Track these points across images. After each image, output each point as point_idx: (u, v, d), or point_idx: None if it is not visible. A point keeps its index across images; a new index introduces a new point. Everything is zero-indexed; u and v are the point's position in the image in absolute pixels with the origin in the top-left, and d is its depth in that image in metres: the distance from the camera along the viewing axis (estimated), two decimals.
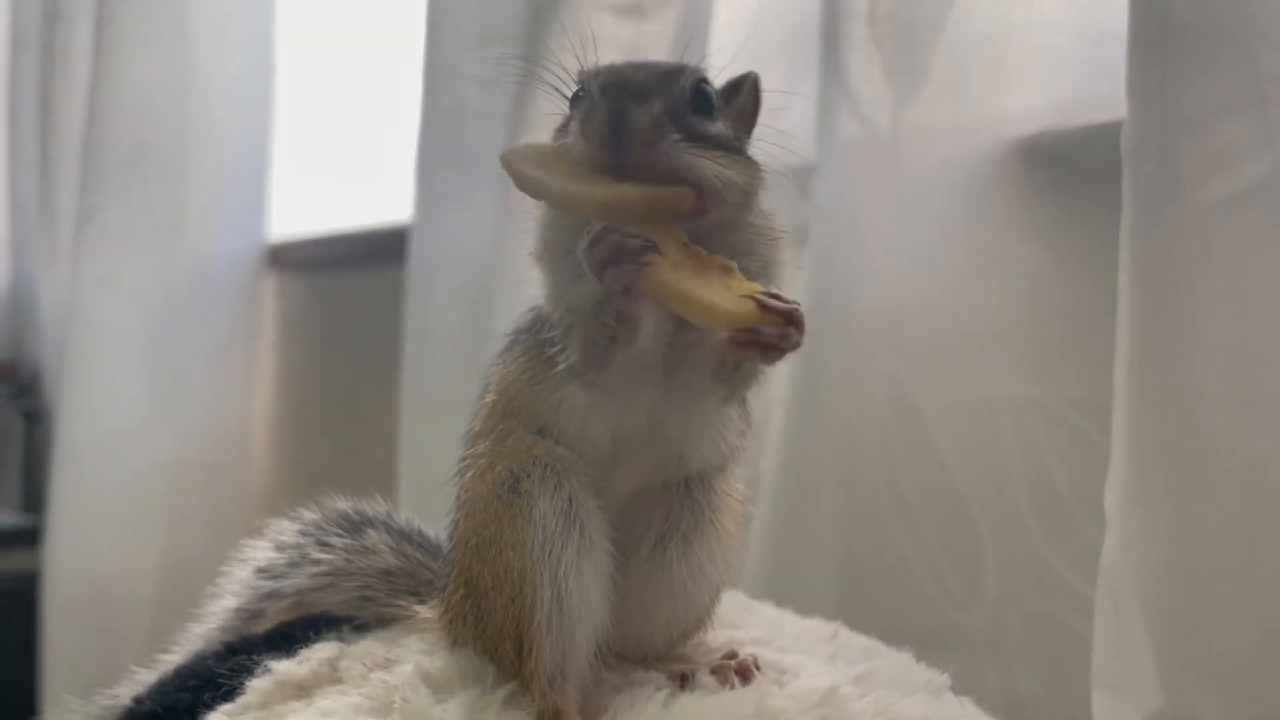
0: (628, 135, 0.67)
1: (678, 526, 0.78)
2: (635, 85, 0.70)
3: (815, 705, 0.69)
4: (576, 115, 0.72)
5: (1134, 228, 0.95)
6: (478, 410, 0.84)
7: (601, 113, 0.68)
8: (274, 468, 2.48)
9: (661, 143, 0.69)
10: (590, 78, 0.73)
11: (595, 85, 0.71)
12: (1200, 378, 0.91)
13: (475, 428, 0.83)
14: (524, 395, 0.77)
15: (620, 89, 0.69)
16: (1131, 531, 0.95)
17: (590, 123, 0.69)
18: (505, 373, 0.81)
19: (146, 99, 2.34)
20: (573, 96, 0.76)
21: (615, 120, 0.67)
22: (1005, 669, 1.20)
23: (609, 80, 0.71)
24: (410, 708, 0.69)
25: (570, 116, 0.75)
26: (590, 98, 0.71)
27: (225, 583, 0.98)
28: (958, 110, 1.24)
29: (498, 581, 0.73)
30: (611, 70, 0.73)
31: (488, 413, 0.81)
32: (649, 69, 0.73)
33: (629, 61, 0.76)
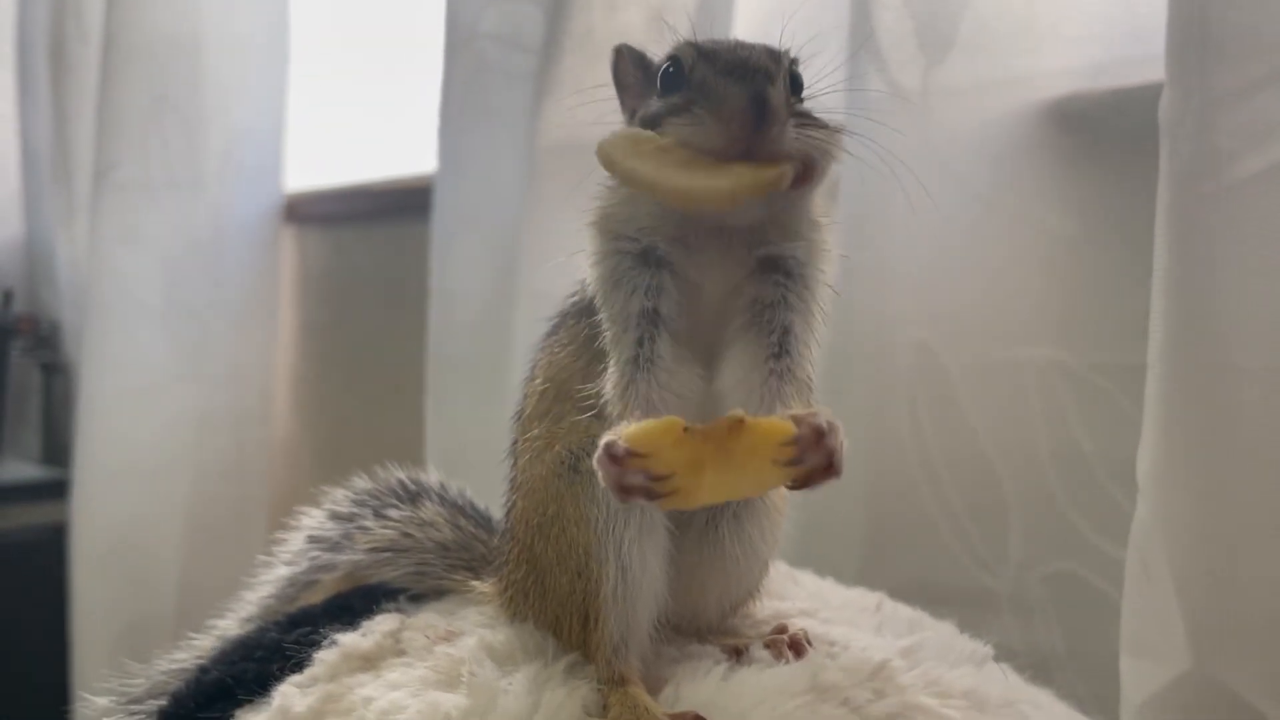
0: (769, 115, 0.67)
1: (729, 504, 0.79)
2: (759, 67, 0.70)
3: (867, 678, 0.71)
4: (685, 95, 0.72)
5: (1171, 202, 0.96)
6: (527, 394, 0.85)
7: (740, 93, 0.68)
8: (296, 420, 2.50)
9: (789, 123, 0.69)
10: (693, 56, 0.73)
11: (713, 65, 0.71)
12: (1234, 350, 0.93)
13: (526, 411, 0.84)
14: (575, 382, 0.78)
15: (750, 70, 0.70)
16: (1163, 499, 0.97)
17: (726, 104, 0.68)
18: (554, 359, 0.81)
19: (161, 51, 2.33)
20: (663, 74, 0.75)
21: (758, 101, 0.67)
22: (1029, 629, 1.22)
23: (732, 61, 0.71)
24: (477, 681, 0.72)
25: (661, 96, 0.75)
26: (708, 78, 0.71)
27: (279, 549, 1.00)
28: (988, 72, 1.24)
29: (562, 558, 0.75)
30: (723, 49, 0.73)
31: (538, 398, 0.82)
32: (756, 50, 0.73)
33: (723, 41, 0.75)
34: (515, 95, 1.70)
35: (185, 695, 0.84)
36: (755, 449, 0.64)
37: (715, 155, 0.69)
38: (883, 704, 0.69)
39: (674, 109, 0.72)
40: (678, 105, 0.72)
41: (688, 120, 0.70)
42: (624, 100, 0.82)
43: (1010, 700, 0.75)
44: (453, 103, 1.81)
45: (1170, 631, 0.95)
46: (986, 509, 1.24)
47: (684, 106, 0.71)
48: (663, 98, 0.74)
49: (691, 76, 0.72)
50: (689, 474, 0.64)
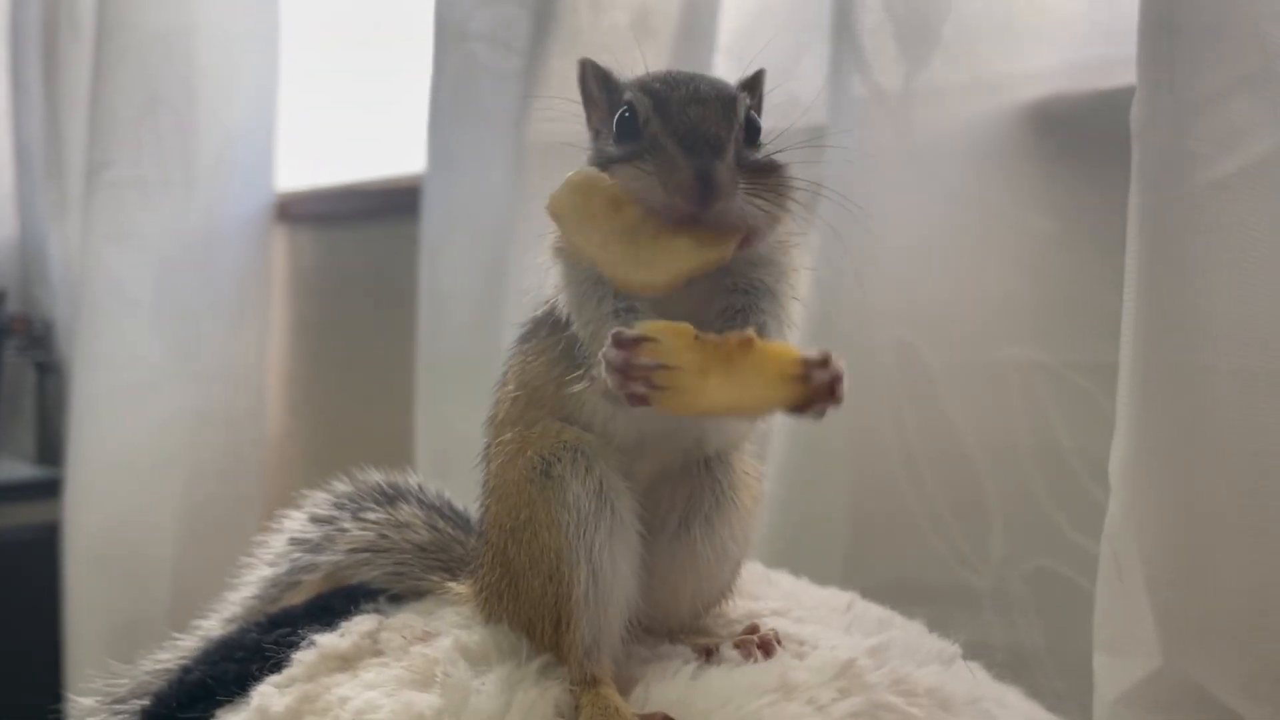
0: (715, 194, 0.68)
1: (700, 507, 0.81)
2: (712, 135, 0.71)
3: (834, 677, 0.73)
4: (638, 148, 0.72)
5: (1142, 205, 0.97)
6: (499, 399, 0.86)
7: (688, 169, 0.69)
8: (288, 419, 2.51)
9: (736, 194, 0.70)
10: (648, 107, 0.73)
11: (666, 123, 0.72)
12: (1205, 351, 0.94)
13: (499, 416, 0.85)
14: (548, 390, 0.79)
15: (701, 140, 0.70)
16: (1135, 497, 0.98)
17: (674, 176, 0.69)
18: (527, 365, 0.82)
19: (154, 50, 2.34)
20: (619, 119, 0.75)
21: (704, 179, 0.68)
22: (1010, 625, 1.24)
23: (684, 124, 0.71)
24: (451, 681, 0.73)
25: (617, 142, 0.75)
26: (660, 136, 0.71)
27: (260, 551, 1.01)
28: (969, 74, 1.25)
29: (534, 561, 0.76)
30: (676, 102, 0.72)
31: (511, 403, 0.83)
32: (709, 103, 0.73)
33: (680, 82, 0.75)
34: (504, 95, 1.72)
35: (167, 695, 0.85)
36: (762, 366, 0.66)
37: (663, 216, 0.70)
38: (848, 702, 0.71)
39: (627, 158, 0.73)
40: (631, 156, 0.73)
41: (638, 179, 0.71)
42: (589, 114, 0.82)
43: (976, 698, 0.76)
44: (442, 102, 1.82)
45: (1141, 628, 0.96)
46: (968, 507, 1.25)
47: (635, 159, 0.72)
48: (618, 143, 0.75)
49: (645, 129, 0.73)
50: (695, 376, 0.66)
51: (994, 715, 0.75)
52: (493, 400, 0.88)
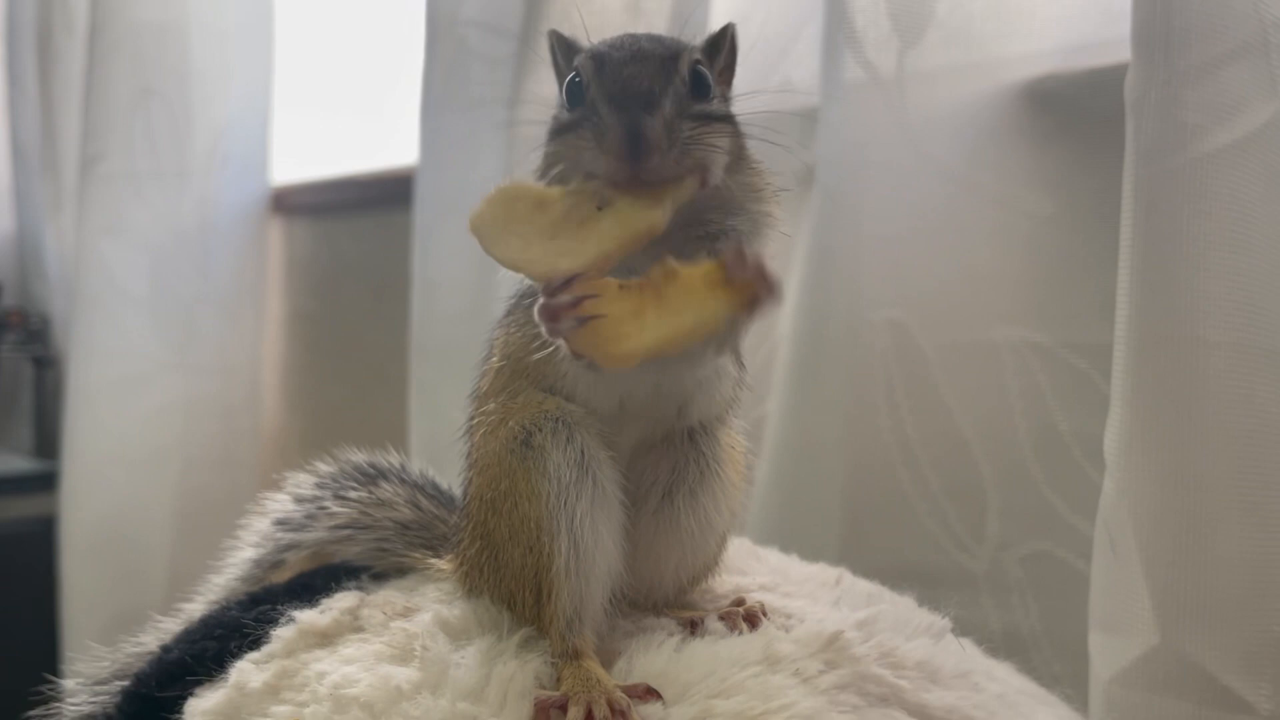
0: (646, 149, 0.67)
1: (684, 479, 0.80)
2: (643, 90, 0.69)
3: (820, 649, 0.72)
4: (580, 113, 0.72)
5: (1136, 178, 0.96)
6: (484, 372, 0.85)
7: (617, 128, 0.67)
8: (284, 409, 2.51)
9: (675, 147, 0.69)
10: (590, 69, 0.72)
11: (600, 90, 0.70)
12: (1199, 325, 0.93)
13: (483, 388, 0.84)
14: (529, 361, 0.78)
15: (630, 97, 0.69)
16: (1130, 475, 0.97)
17: (606, 136, 0.68)
18: (510, 338, 0.81)
19: (147, 43, 2.33)
20: (567, 85, 0.74)
21: (632, 135, 0.67)
22: (1006, 607, 1.23)
23: (617, 82, 0.70)
24: (430, 655, 0.72)
25: (566, 108, 0.74)
26: (596, 98, 0.70)
27: (244, 534, 1.01)
28: (962, 54, 1.24)
29: (514, 533, 0.75)
30: (614, 64, 0.71)
31: (495, 375, 0.82)
32: (648, 59, 0.72)
33: (624, 43, 0.74)
34: (495, 80, 1.70)
35: (148, 675, 0.84)
36: (690, 288, 0.67)
37: (606, 181, 0.69)
38: (834, 674, 0.70)
39: (568, 127, 0.73)
40: (572, 123, 0.72)
41: (581, 150, 0.70)
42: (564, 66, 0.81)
43: (964, 671, 0.75)
44: (434, 89, 1.81)
45: (1137, 607, 0.95)
46: (963, 489, 1.25)
47: (577, 126, 0.72)
48: (568, 110, 0.74)
49: (587, 94, 0.72)
50: (630, 320, 0.66)
51: (983, 688, 0.74)
52: (477, 374, 0.87)
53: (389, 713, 0.68)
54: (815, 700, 0.67)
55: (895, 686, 0.69)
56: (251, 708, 0.73)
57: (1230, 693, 0.92)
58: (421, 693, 0.69)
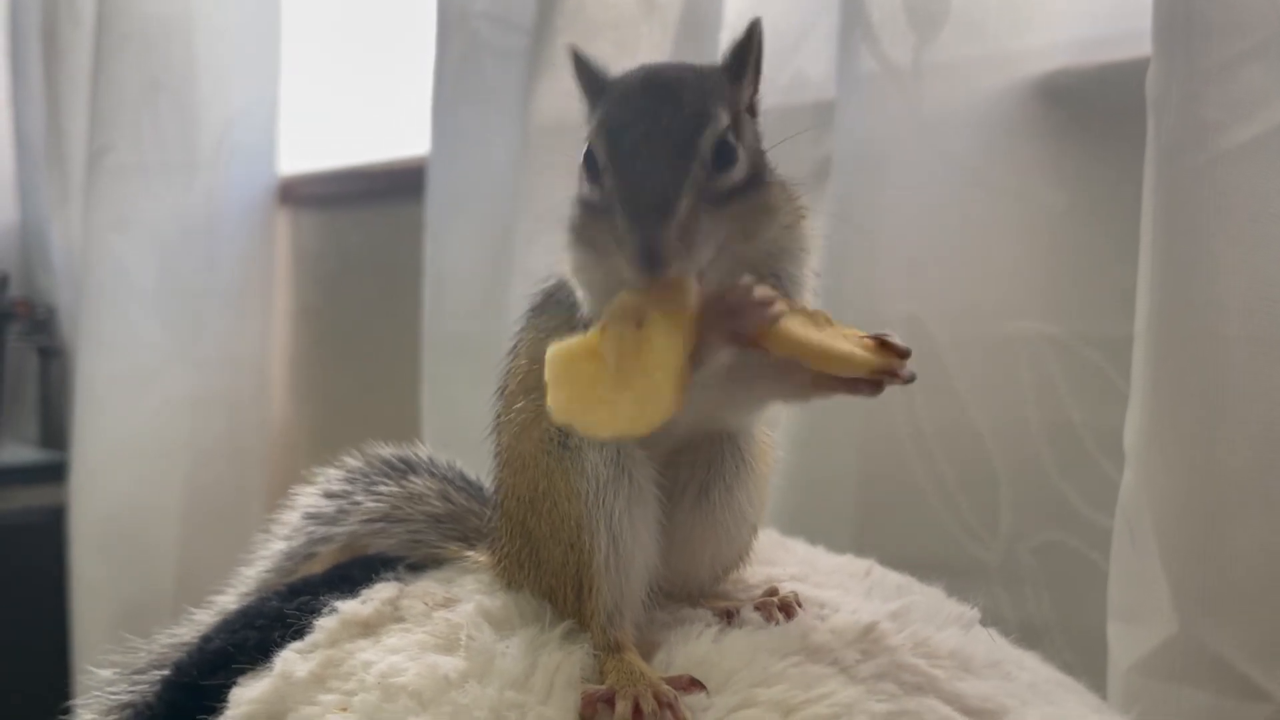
0: (662, 263, 0.65)
1: (721, 475, 0.81)
2: (656, 195, 0.66)
3: (857, 639, 0.73)
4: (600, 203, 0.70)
5: (1157, 175, 0.97)
6: (511, 370, 0.85)
7: (631, 241, 0.65)
8: (292, 402, 2.52)
9: (694, 250, 0.67)
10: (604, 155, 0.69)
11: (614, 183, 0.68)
12: (1220, 319, 0.94)
13: (510, 387, 0.84)
14: None
15: (643, 205, 0.66)
16: (1149, 467, 0.98)
17: (625, 247, 0.66)
18: (538, 342, 0.81)
19: (154, 34, 2.34)
20: (585, 157, 0.72)
21: (646, 251, 0.65)
22: (1020, 599, 1.24)
23: (627, 185, 0.67)
24: (475, 644, 0.73)
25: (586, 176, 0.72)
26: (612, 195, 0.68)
27: (275, 527, 1.01)
28: (978, 48, 1.25)
29: (555, 531, 0.77)
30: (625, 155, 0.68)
31: (524, 376, 0.82)
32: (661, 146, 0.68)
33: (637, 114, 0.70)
34: (508, 74, 1.71)
35: (188, 664, 0.85)
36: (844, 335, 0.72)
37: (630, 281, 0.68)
38: (871, 664, 0.71)
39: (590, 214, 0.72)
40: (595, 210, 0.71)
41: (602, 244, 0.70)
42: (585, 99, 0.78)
43: (996, 661, 0.76)
44: (446, 82, 1.82)
45: (1156, 596, 0.97)
46: (977, 481, 1.26)
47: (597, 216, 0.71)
48: (588, 181, 0.72)
49: (603, 181, 0.70)
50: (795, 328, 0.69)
51: (1015, 677, 0.76)
52: (503, 371, 0.87)
53: (438, 701, 0.69)
54: (854, 689, 0.68)
55: (930, 676, 0.71)
56: (298, 696, 0.75)
57: (1248, 681, 0.93)
58: (469, 681, 0.70)
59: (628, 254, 0.66)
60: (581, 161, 0.72)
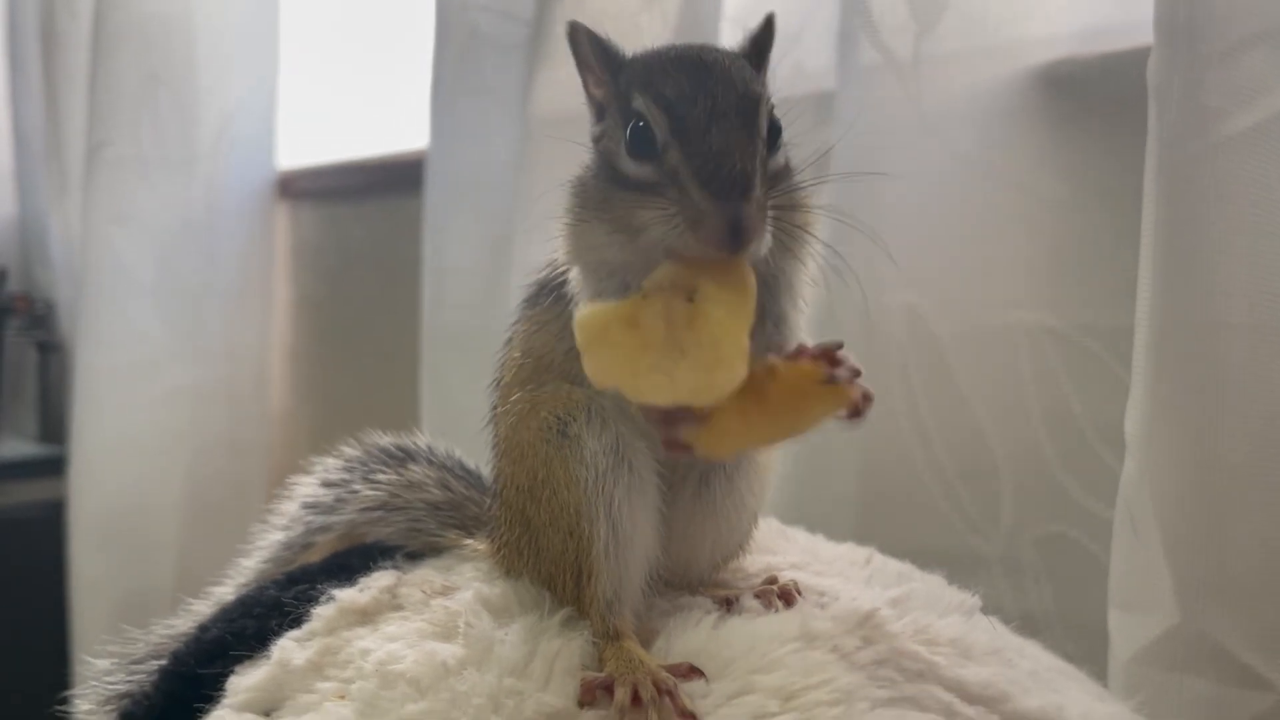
0: (747, 240, 0.66)
1: (722, 464, 0.80)
2: (737, 173, 0.66)
3: (856, 626, 0.73)
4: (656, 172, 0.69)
5: (1158, 163, 0.96)
6: (505, 362, 0.85)
7: (718, 219, 0.65)
8: (292, 395, 2.51)
9: (764, 228, 0.68)
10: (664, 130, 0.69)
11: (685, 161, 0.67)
12: (1221, 307, 0.94)
13: (505, 378, 0.84)
14: (555, 359, 0.79)
15: (727, 180, 0.66)
16: (1151, 456, 0.98)
17: (703, 225, 0.66)
18: (532, 334, 0.82)
19: (152, 28, 2.33)
20: (632, 130, 0.71)
21: (734, 228, 0.65)
22: (1021, 590, 1.24)
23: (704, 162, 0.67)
24: (474, 632, 0.73)
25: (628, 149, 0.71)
26: (681, 172, 0.68)
27: (273, 517, 1.01)
28: (979, 38, 1.25)
29: (554, 519, 0.76)
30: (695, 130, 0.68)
31: (517, 369, 0.82)
32: (730, 120, 0.68)
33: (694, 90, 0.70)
34: (508, 66, 1.71)
35: (186, 654, 0.85)
36: (791, 386, 0.67)
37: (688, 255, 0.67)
38: (871, 650, 0.71)
39: (644, 190, 0.70)
40: (649, 188, 0.70)
41: (662, 220, 0.68)
42: (586, 80, 0.79)
43: (997, 648, 0.76)
44: (445, 75, 1.81)
45: (1158, 586, 0.97)
46: (978, 473, 1.25)
47: (654, 190, 0.69)
48: (632, 158, 0.71)
49: (665, 155, 0.69)
50: (736, 417, 0.66)
51: (1015, 664, 0.75)
52: (498, 363, 0.87)
53: (436, 688, 0.68)
54: (854, 676, 0.68)
55: (931, 663, 0.71)
56: (295, 684, 0.74)
57: (1249, 671, 0.93)
58: (467, 669, 0.70)
59: (710, 232, 0.66)
60: (627, 137, 0.71)
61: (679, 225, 0.67)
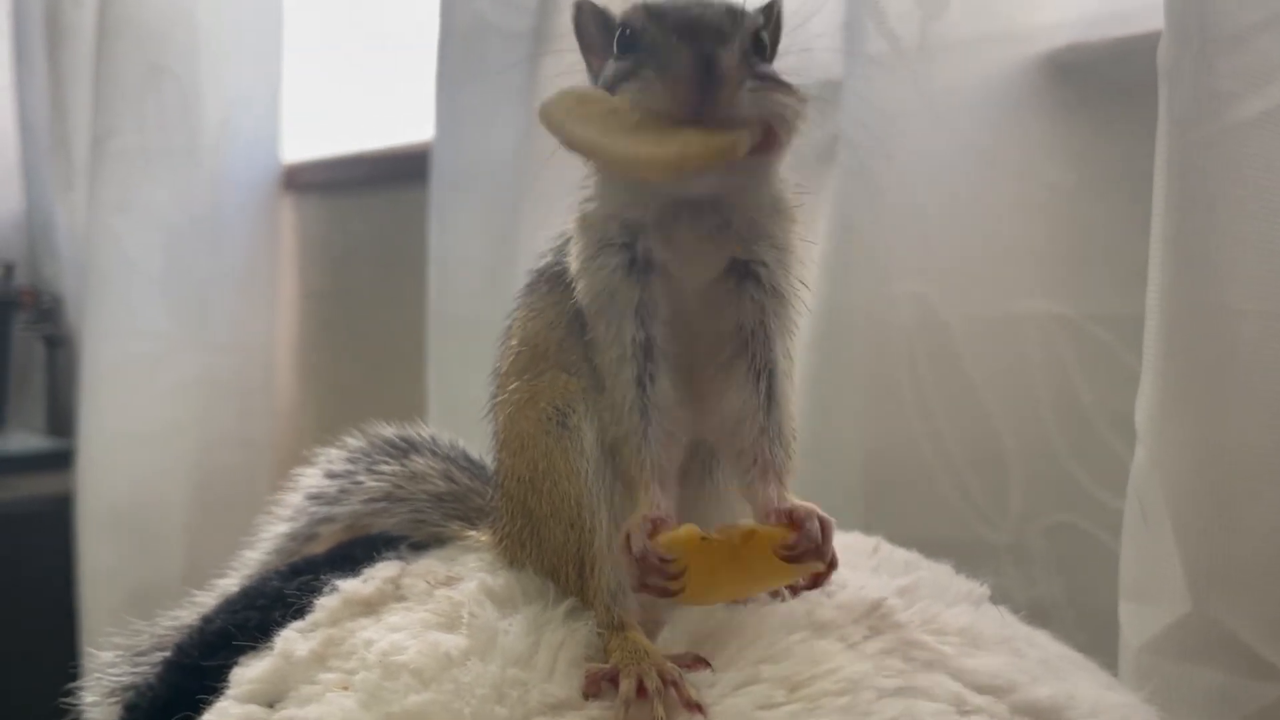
0: (719, 78, 0.64)
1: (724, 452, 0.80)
2: (713, 26, 0.66)
3: (863, 616, 0.72)
4: (637, 58, 0.69)
5: (1169, 146, 0.95)
6: (504, 352, 0.85)
7: (687, 54, 0.65)
8: (299, 387, 2.51)
9: (744, 85, 0.66)
10: (644, 18, 0.70)
11: (663, 25, 0.68)
12: (1232, 293, 0.93)
13: (503, 368, 0.84)
14: (550, 349, 0.79)
15: (701, 29, 0.66)
16: (1161, 444, 0.97)
17: (673, 66, 0.65)
18: (528, 322, 0.81)
19: (157, 19, 2.33)
20: (618, 37, 0.71)
21: (705, 62, 0.64)
22: (1030, 580, 1.23)
23: (683, 20, 0.67)
24: (478, 622, 0.72)
25: (616, 59, 0.71)
26: (658, 38, 0.67)
27: (277, 509, 1.01)
28: (986, 24, 1.24)
29: (555, 510, 0.76)
30: (675, 8, 0.69)
31: (514, 357, 0.82)
32: (713, 8, 0.68)
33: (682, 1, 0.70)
34: (512, 54, 1.70)
35: (189, 645, 0.85)
36: (764, 550, 0.69)
37: (665, 118, 0.66)
38: (878, 640, 0.70)
39: (624, 73, 0.69)
40: (628, 69, 0.69)
41: (636, 84, 0.67)
42: (589, 61, 0.78)
43: (1006, 638, 0.76)
44: (449, 64, 1.80)
45: (1169, 575, 0.96)
46: (986, 462, 1.25)
47: (634, 70, 0.68)
48: (617, 62, 0.71)
49: (643, 39, 0.69)
50: (704, 574, 0.68)
51: (1025, 654, 0.75)
52: (498, 352, 0.87)
53: (439, 679, 0.68)
54: (862, 665, 0.67)
55: (939, 652, 0.70)
56: (299, 676, 0.74)
57: (1261, 660, 0.92)
58: (471, 659, 0.69)
59: (681, 69, 0.65)
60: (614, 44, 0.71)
61: (651, 82, 0.66)
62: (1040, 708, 0.69)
